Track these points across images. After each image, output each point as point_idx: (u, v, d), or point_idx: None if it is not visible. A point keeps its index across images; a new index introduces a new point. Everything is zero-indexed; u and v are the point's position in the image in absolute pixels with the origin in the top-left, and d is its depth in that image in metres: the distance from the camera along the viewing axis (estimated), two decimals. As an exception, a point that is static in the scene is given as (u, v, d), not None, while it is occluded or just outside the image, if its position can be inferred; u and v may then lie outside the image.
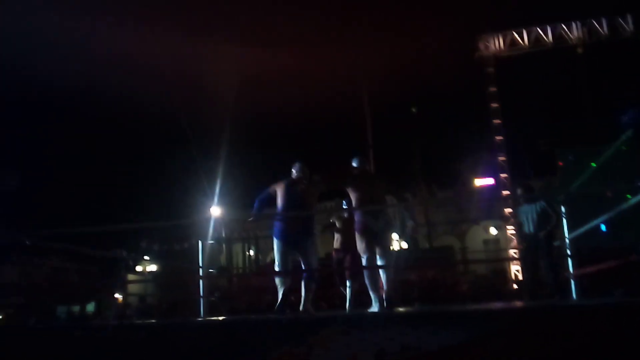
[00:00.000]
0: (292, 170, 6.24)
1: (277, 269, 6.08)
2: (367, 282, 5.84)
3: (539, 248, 7.34)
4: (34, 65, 23.53)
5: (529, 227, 7.46)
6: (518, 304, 7.09)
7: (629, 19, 21.23)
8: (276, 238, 6.01)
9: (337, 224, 7.23)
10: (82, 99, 26.46)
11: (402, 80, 25.28)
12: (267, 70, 24.42)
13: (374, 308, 5.74)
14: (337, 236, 7.23)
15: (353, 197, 6.01)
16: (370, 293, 5.82)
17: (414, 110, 25.37)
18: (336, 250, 7.24)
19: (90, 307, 21.74)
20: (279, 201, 6.06)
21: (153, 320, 6.35)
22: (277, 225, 6.03)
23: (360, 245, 5.89)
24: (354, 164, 6.27)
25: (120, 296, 19.11)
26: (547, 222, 7.27)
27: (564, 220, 7.10)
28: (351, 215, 6.39)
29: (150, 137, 30.73)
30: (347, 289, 6.88)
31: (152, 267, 27.93)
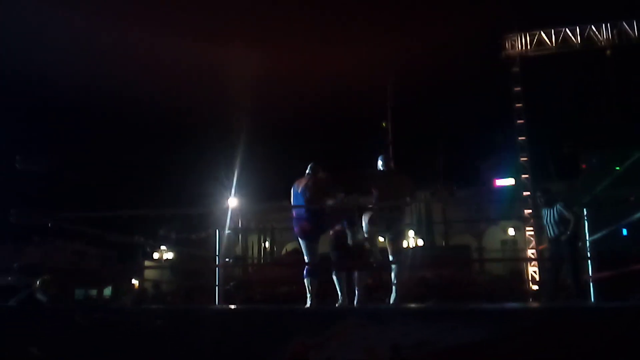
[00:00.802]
0: (307, 172, 6.32)
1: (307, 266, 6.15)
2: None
3: (560, 251, 7.30)
4: (66, 58, 23.85)
5: (550, 231, 7.45)
6: (536, 304, 7.04)
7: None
8: (299, 238, 6.14)
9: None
10: (111, 89, 26.76)
11: (427, 78, 25.15)
12: (290, 63, 24.43)
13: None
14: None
15: (374, 197, 6.10)
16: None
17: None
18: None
19: (107, 292, 22.01)
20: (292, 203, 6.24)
21: (169, 306, 6.41)
22: (295, 227, 6.14)
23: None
24: (379, 164, 6.37)
25: (137, 282, 19.34)
26: (566, 225, 7.24)
27: (586, 223, 7.02)
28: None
29: (172, 128, 30.98)
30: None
31: (169, 255, 28.18)
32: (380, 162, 6.38)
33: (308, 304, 5.92)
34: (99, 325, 3.98)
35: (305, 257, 6.20)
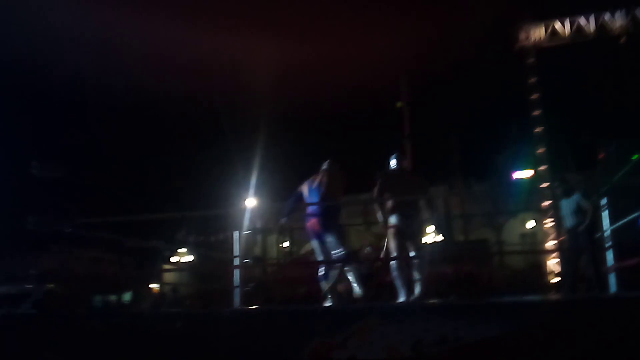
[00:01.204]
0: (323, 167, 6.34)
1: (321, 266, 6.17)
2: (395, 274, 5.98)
3: (579, 241, 7.25)
4: (79, 59, 24.08)
5: (569, 221, 7.41)
6: (556, 296, 6.99)
7: (676, 5, 20.58)
8: (310, 239, 6.18)
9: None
10: (124, 92, 26.97)
11: (441, 72, 25.03)
12: (305, 61, 24.46)
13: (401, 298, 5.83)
14: None
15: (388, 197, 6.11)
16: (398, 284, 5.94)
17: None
18: None
19: (127, 297, 22.18)
20: (306, 200, 6.22)
21: (189, 310, 6.45)
22: (306, 226, 6.17)
23: (392, 244, 6.06)
24: (391, 164, 6.37)
25: (157, 286, 19.47)
26: (583, 216, 7.17)
27: (606, 212, 6.96)
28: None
29: (188, 129, 31.16)
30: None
31: (188, 258, 28.34)
32: (393, 162, 6.36)
33: (328, 304, 5.93)
34: (115, 330, 4.01)
35: (318, 258, 6.22)
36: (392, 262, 6.07)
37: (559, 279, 16.77)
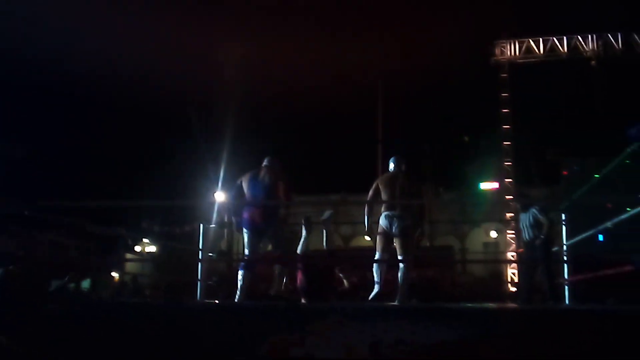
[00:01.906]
0: (264, 165, 6.46)
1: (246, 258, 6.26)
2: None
3: (535, 254, 7.46)
4: (48, 42, 23.59)
5: (526, 234, 7.64)
6: (512, 305, 7.16)
7: (645, 35, 21.20)
8: (245, 228, 6.20)
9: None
10: (92, 79, 26.56)
11: (417, 81, 25.27)
12: (278, 59, 24.43)
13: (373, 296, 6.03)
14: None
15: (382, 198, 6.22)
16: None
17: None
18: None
19: (86, 284, 21.75)
20: (246, 192, 6.27)
21: (149, 300, 6.42)
22: (244, 215, 6.20)
23: (378, 245, 6.20)
24: (390, 168, 6.48)
25: (117, 275, 19.18)
26: (540, 229, 7.39)
27: (563, 228, 7.18)
28: None
29: (160, 119, 30.80)
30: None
31: (151, 249, 27.98)
32: (391, 165, 6.45)
33: (237, 298, 6.03)
34: (73, 316, 3.96)
35: (246, 249, 6.29)
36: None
37: (516, 289, 17.15)
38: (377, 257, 6.19)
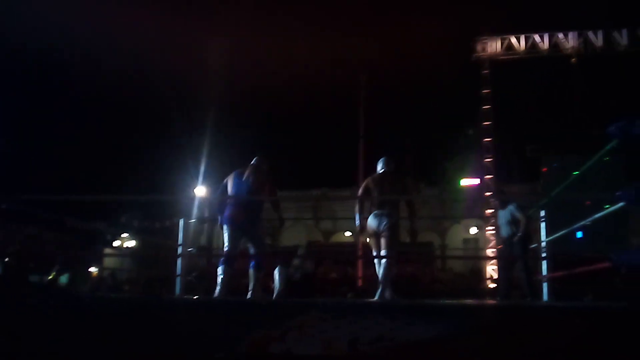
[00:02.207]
0: (252, 163, 6.50)
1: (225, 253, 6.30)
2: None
3: (513, 251, 7.53)
4: (23, 31, 23.19)
5: (504, 231, 7.70)
6: (491, 302, 7.23)
7: (624, 33, 21.47)
8: (225, 224, 6.23)
9: None
10: (70, 70, 26.23)
11: (399, 76, 25.36)
12: (260, 53, 24.36)
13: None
14: None
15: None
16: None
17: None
18: None
19: (64, 279, 21.52)
20: (229, 191, 6.35)
21: (128, 295, 6.38)
22: (226, 212, 6.25)
23: (373, 247, 6.37)
24: (378, 168, 6.59)
25: (96, 270, 19.00)
26: (517, 226, 7.45)
27: (542, 224, 7.25)
28: None
29: (141, 113, 30.53)
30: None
31: (131, 243, 27.75)
32: (380, 165, 6.56)
33: (217, 293, 6.06)
34: (52, 310, 3.92)
35: (225, 246, 6.29)
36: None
37: (495, 285, 17.33)
38: (376, 257, 6.32)
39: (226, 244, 6.30)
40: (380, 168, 6.56)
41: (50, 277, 12.02)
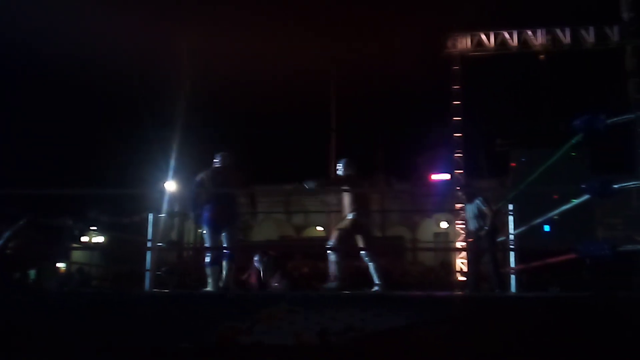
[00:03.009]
0: (215, 160, 6.66)
1: (207, 254, 6.53)
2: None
3: (481, 244, 7.64)
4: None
5: (471, 225, 7.81)
6: (460, 293, 7.33)
7: (591, 31, 21.89)
8: (206, 225, 6.42)
9: None
10: (36, 60, 25.66)
11: (370, 71, 25.41)
12: (231, 48, 24.17)
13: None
14: None
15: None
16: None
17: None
18: None
19: (32, 275, 21.12)
20: (208, 190, 6.49)
21: (96, 290, 6.33)
22: (205, 213, 6.40)
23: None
24: (339, 169, 6.87)
25: (63, 265, 18.69)
26: (484, 220, 7.54)
27: (510, 218, 7.36)
28: None
29: (108, 108, 30.05)
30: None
31: (99, 239, 27.32)
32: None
33: (208, 289, 6.33)
34: (20, 307, 3.86)
35: (207, 245, 6.59)
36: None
37: (465, 278, 17.57)
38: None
39: (207, 244, 6.52)
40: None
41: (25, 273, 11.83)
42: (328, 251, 6.60)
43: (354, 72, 25.20)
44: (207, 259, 6.44)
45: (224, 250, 6.45)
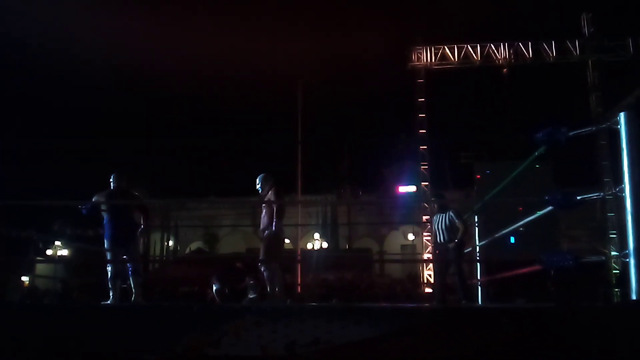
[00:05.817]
0: (110, 181, 7.08)
1: (109, 268, 6.89)
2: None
3: (448, 255, 7.57)
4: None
5: (440, 236, 7.63)
6: (426, 305, 7.37)
7: (553, 45, 22.47)
8: (107, 240, 6.85)
9: None
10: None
11: (337, 84, 25.57)
12: (197, 59, 24.07)
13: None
14: None
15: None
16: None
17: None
18: None
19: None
20: (105, 211, 6.93)
21: (59, 303, 6.22)
22: (106, 231, 6.87)
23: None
24: (257, 184, 7.44)
25: (27, 278, 18.26)
26: (455, 233, 7.43)
27: (476, 229, 7.41)
28: None
29: (76, 119, 29.55)
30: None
31: (64, 252, 26.79)
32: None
33: (109, 302, 6.66)
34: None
35: (109, 263, 6.98)
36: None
37: (431, 289, 17.71)
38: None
39: (110, 258, 6.96)
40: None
41: None
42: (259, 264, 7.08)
43: (321, 85, 25.31)
44: (109, 274, 6.79)
45: (128, 267, 6.82)
